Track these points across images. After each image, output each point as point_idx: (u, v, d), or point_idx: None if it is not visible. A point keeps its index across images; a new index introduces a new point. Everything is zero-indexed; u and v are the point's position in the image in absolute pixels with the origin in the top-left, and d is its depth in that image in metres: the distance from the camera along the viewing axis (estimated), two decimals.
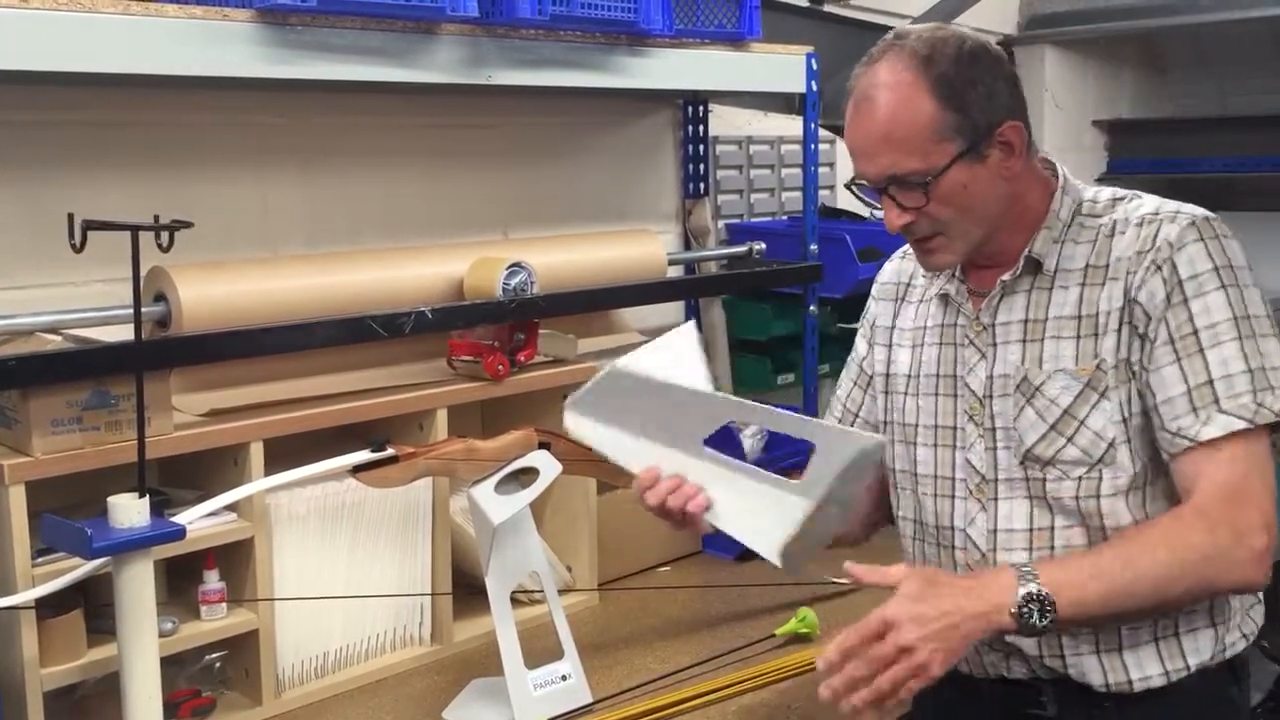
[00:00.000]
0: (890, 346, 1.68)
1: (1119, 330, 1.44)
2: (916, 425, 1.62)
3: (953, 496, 1.57)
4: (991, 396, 1.53)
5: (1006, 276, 1.52)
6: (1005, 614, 1.31)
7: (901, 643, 1.28)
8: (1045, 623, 1.31)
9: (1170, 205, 1.48)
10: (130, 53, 1.66)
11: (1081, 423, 1.45)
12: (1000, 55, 1.48)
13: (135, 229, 1.47)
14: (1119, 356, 1.44)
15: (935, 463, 1.59)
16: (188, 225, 1.53)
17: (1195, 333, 1.40)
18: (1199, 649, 1.48)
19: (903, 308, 1.69)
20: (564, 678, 1.84)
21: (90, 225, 1.46)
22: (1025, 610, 1.31)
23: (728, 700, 1.86)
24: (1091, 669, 1.49)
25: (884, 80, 1.44)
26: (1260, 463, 1.38)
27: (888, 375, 1.67)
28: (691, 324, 1.72)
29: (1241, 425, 1.37)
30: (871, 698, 1.29)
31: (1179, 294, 1.41)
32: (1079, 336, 1.47)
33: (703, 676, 1.93)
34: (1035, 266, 1.51)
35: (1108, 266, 1.47)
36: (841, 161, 3.31)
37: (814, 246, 2.72)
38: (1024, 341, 1.51)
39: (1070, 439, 1.46)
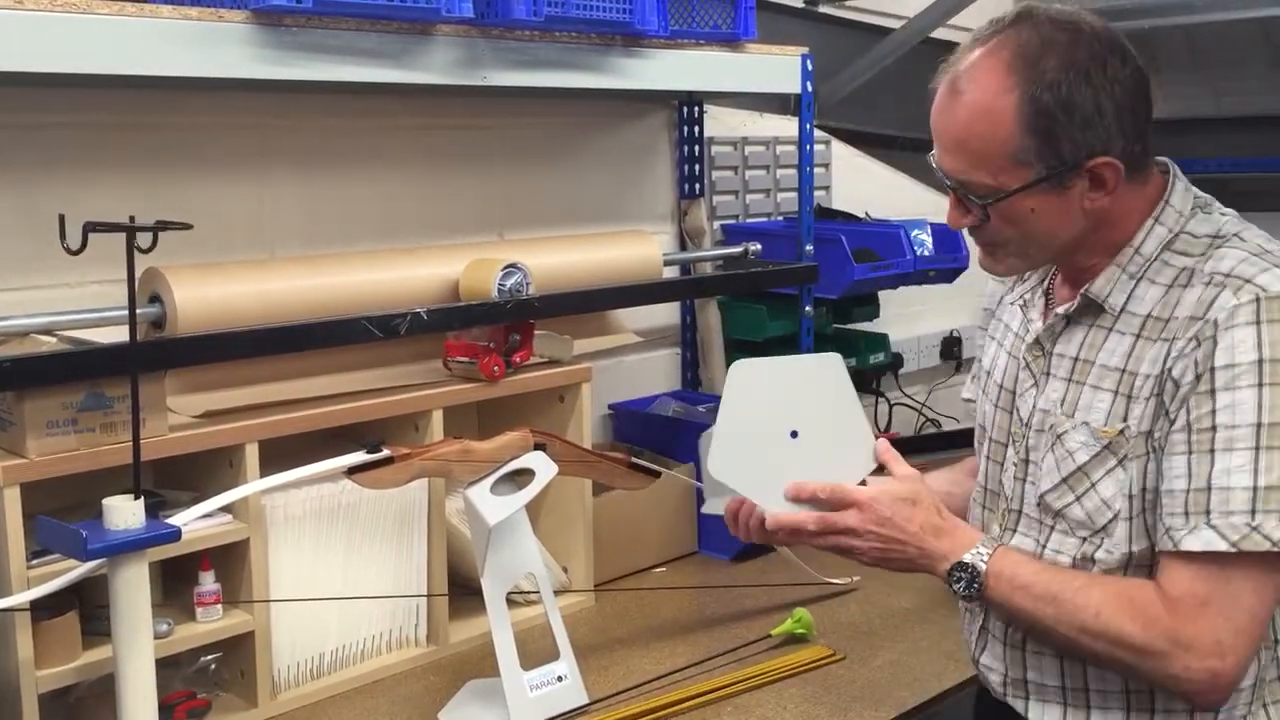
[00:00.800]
0: (988, 337, 1.59)
1: (1149, 400, 1.31)
2: (985, 432, 1.55)
3: (993, 511, 1.53)
4: (1031, 428, 1.44)
5: (1062, 309, 1.42)
6: (942, 567, 1.41)
7: (854, 525, 1.43)
8: (966, 594, 1.39)
9: (1252, 267, 1.29)
10: (125, 54, 1.66)
11: (1093, 485, 1.36)
12: (1118, 73, 1.29)
13: (132, 229, 1.47)
14: (1141, 428, 1.32)
15: (985, 475, 1.55)
16: (186, 226, 1.52)
17: (1214, 429, 1.26)
18: None
19: (1005, 300, 1.58)
20: (560, 678, 1.84)
21: (92, 227, 1.46)
22: (957, 575, 1.39)
23: (724, 701, 1.86)
24: (1052, 717, 1.44)
25: (976, 77, 1.31)
26: (1234, 589, 1.25)
27: (982, 366, 1.59)
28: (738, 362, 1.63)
29: (1222, 547, 1.24)
30: (802, 543, 1.50)
31: (1208, 381, 1.26)
32: (1116, 393, 1.34)
33: (699, 677, 1.93)
34: (1096, 303, 1.38)
35: (1166, 323, 1.32)
36: (837, 162, 3.31)
37: (809, 247, 2.72)
38: (1069, 381, 1.40)
39: (1079, 498, 1.37)
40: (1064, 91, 1.28)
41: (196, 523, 1.67)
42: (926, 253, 2.87)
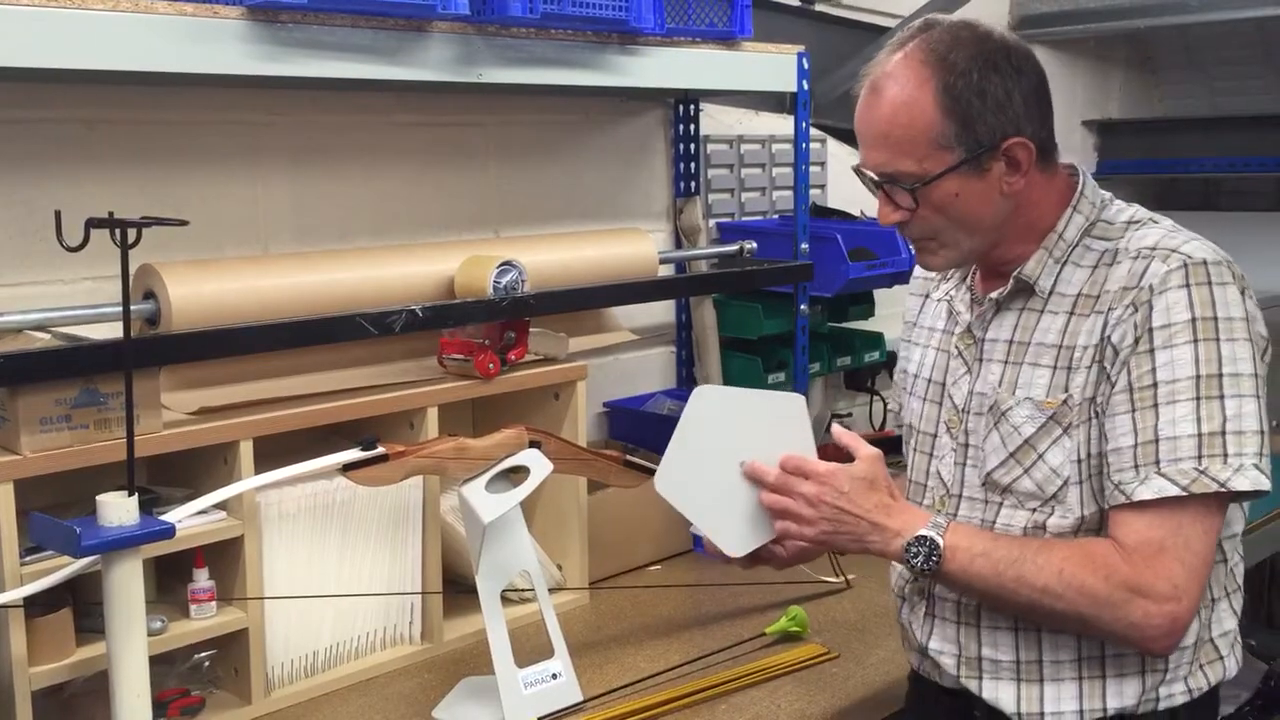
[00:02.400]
0: (910, 344, 1.68)
1: (1090, 368, 1.40)
2: (913, 428, 1.62)
3: (920, 503, 1.59)
4: (969, 412, 1.52)
5: (995, 294, 1.50)
6: (898, 544, 1.45)
7: (806, 493, 1.50)
8: (925, 569, 1.43)
9: (1174, 239, 1.41)
10: (120, 49, 1.66)
11: (1040, 456, 1.43)
12: (1022, 65, 1.42)
13: (126, 225, 1.47)
14: (1084, 395, 1.40)
15: (913, 469, 1.62)
16: (182, 223, 1.52)
17: (1155, 385, 1.35)
18: (1123, 694, 1.44)
19: (926, 304, 1.67)
20: (554, 676, 1.84)
21: (94, 223, 1.46)
22: (914, 549, 1.43)
23: (718, 699, 1.86)
24: (1006, 695, 1.48)
25: (894, 74, 1.41)
26: (1185, 533, 1.33)
27: (906, 373, 1.67)
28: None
29: (1174, 492, 1.33)
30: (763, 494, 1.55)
31: (1147, 342, 1.36)
32: (1055, 367, 1.43)
33: (693, 675, 1.93)
34: (1027, 287, 1.48)
35: (1097, 298, 1.42)
36: (832, 161, 3.31)
37: (805, 245, 2.73)
38: (1005, 363, 1.48)
39: (1027, 470, 1.44)
40: (975, 79, 1.39)
41: (190, 520, 1.67)
42: None
